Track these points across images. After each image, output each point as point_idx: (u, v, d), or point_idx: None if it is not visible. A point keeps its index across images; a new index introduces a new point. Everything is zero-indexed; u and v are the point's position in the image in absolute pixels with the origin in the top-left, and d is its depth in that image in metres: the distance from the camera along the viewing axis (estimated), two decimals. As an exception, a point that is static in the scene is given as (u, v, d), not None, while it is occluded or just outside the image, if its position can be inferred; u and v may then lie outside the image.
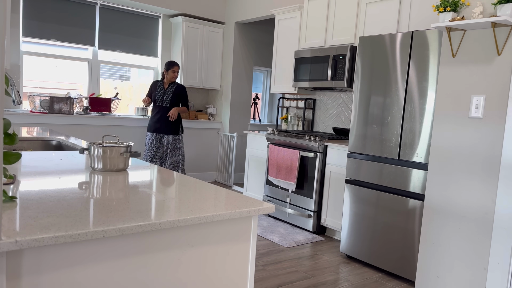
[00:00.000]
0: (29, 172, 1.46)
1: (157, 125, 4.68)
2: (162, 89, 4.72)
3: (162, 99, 4.67)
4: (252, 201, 1.27)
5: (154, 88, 4.76)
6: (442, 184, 2.61)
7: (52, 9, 4.85)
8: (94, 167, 1.61)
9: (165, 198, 1.22)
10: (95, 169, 1.61)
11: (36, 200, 1.08)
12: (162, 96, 4.68)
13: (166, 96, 4.68)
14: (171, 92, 4.69)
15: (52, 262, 0.88)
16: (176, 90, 4.72)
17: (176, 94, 4.71)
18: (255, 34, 6.13)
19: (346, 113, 4.40)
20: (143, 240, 1.01)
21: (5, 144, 1.00)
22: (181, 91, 4.75)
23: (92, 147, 1.60)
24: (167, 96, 4.68)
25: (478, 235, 2.43)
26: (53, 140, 2.60)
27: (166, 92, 4.70)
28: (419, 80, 2.86)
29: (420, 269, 2.74)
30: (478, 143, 2.44)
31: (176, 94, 4.71)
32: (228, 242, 1.18)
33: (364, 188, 3.21)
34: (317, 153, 3.86)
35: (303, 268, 3.08)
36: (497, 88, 2.35)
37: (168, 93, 4.69)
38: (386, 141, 3.05)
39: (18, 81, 4.68)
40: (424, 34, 2.83)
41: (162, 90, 4.71)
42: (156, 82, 4.78)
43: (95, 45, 5.21)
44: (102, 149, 1.58)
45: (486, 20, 2.28)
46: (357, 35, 3.88)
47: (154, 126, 4.69)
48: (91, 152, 1.60)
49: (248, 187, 4.90)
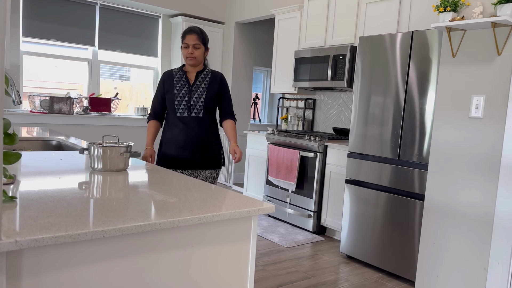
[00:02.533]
0: (29, 172, 1.46)
1: (184, 153, 2.45)
2: (186, 84, 2.48)
3: (189, 105, 2.45)
4: (252, 201, 1.27)
5: (169, 83, 2.50)
6: (442, 184, 2.61)
7: (52, 9, 4.85)
8: (94, 167, 1.61)
9: (165, 198, 1.22)
10: (95, 169, 1.60)
11: (36, 200, 1.08)
12: (189, 98, 2.45)
13: (197, 97, 2.46)
14: (205, 87, 2.48)
15: (52, 262, 0.88)
16: (212, 83, 2.50)
17: (214, 91, 2.49)
18: (255, 34, 6.13)
19: (346, 113, 4.40)
20: (143, 240, 1.01)
21: (5, 144, 1.00)
22: (221, 83, 2.54)
23: (92, 147, 1.59)
24: (198, 97, 2.46)
25: (478, 235, 2.43)
26: (53, 140, 2.60)
27: (194, 90, 2.47)
28: (419, 80, 2.86)
29: (420, 269, 2.74)
30: (478, 143, 2.43)
31: (213, 90, 2.49)
32: (228, 242, 1.18)
33: (364, 188, 3.21)
34: (317, 153, 3.86)
35: (303, 268, 3.08)
36: (497, 88, 2.35)
37: (198, 90, 2.47)
38: (386, 141, 3.05)
39: (18, 81, 4.68)
40: (424, 34, 2.83)
41: (186, 85, 2.48)
42: (171, 73, 2.54)
43: (95, 45, 5.21)
44: (102, 149, 1.58)
45: (486, 20, 2.28)
46: (357, 35, 3.88)
47: (178, 154, 2.45)
48: (91, 152, 1.59)
49: (248, 187, 4.90)
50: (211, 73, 2.55)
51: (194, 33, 2.46)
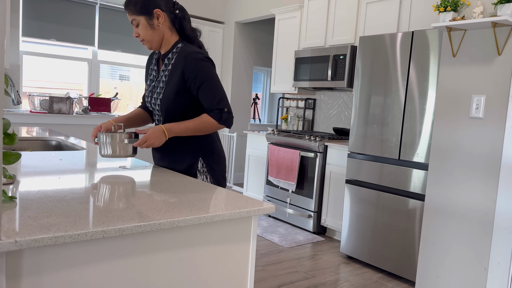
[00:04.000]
0: (28, 172, 1.45)
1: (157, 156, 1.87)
2: (155, 74, 1.82)
3: (153, 108, 1.82)
4: (252, 201, 1.27)
5: (146, 73, 1.91)
6: (442, 184, 2.61)
7: (52, 9, 4.85)
8: (103, 154, 1.65)
9: (165, 198, 1.22)
10: (104, 155, 1.64)
11: (35, 200, 1.08)
12: (151, 98, 1.81)
13: (155, 97, 1.78)
14: (165, 81, 1.72)
15: (52, 262, 0.88)
16: (174, 71, 1.69)
17: (175, 84, 1.68)
18: (255, 34, 6.12)
19: (346, 113, 4.40)
20: (142, 240, 1.00)
21: (4, 144, 1.00)
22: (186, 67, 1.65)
23: (100, 134, 1.64)
24: (156, 96, 1.77)
25: (479, 235, 2.43)
26: (53, 140, 2.60)
27: (155, 85, 1.79)
28: (420, 80, 2.86)
29: (420, 269, 2.73)
30: (478, 143, 2.43)
31: (173, 82, 1.69)
32: (228, 242, 1.17)
33: (364, 188, 3.21)
34: (317, 153, 3.86)
35: (303, 269, 3.08)
36: (497, 88, 2.35)
37: (159, 85, 1.76)
38: (387, 141, 3.05)
39: (18, 81, 4.68)
40: (425, 34, 2.83)
41: (155, 77, 1.81)
42: (151, 56, 1.90)
43: (94, 45, 5.20)
44: (110, 136, 1.62)
45: (486, 20, 2.27)
46: (357, 35, 3.87)
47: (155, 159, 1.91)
48: (100, 139, 1.64)
49: (248, 187, 4.89)
50: (177, 55, 1.68)
51: (126, 8, 1.66)
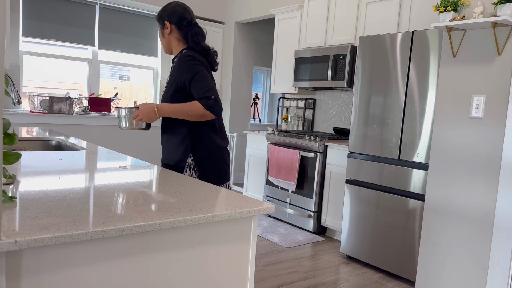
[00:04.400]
0: (28, 172, 1.45)
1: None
2: None
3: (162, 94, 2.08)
4: (252, 201, 1.27)
5: None
6: (443, 184, 2.61)
7: (52, 9, 4.85)
8: (121, 127, 1.88)
9: (165, 198, 1.22)
10: (122, 128, 1.89)
11: (35, 200, 1.08)
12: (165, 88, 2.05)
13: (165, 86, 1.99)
14: (169, 76, 1.96)
15: (52, 263, 0.88)
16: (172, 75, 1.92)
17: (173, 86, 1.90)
18: (255, 34, 6.12)
19: (347, 113, 4.40)
20: (142, 240, 1.00)
21: (4, 144, 0.99)
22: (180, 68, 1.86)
23: (118, 109, 1.88)
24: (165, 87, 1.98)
25: (479, 235, 2.43)
26: (53, 140, 2.60)
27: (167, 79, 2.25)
28: (420, 80, 2.86)
29: (420, 269, 2.73)
30: (478, 143, 2.43)
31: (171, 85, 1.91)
32: (228, 242, 1.17)
33: (364, 188, 3.21)
34: (317, 153, 3.86)
35: (303, 269, 3.08)
36: (497, 88, 2.35)
37: (167, 79, 2.12)
38: (387, 141, 3.05)
39: (18, 81, 4.67)
40: (425, 34, 2.83)
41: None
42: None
43: (94, 45, 5.20)
44: (128, 110, 1.87)
45: (486, 20, 2.27)
46: (357, 35, 3.87)
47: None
48: (119, 114, 1.88)
49: (248, 187, 4.89)
50: (177, 59, 1.90)
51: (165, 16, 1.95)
